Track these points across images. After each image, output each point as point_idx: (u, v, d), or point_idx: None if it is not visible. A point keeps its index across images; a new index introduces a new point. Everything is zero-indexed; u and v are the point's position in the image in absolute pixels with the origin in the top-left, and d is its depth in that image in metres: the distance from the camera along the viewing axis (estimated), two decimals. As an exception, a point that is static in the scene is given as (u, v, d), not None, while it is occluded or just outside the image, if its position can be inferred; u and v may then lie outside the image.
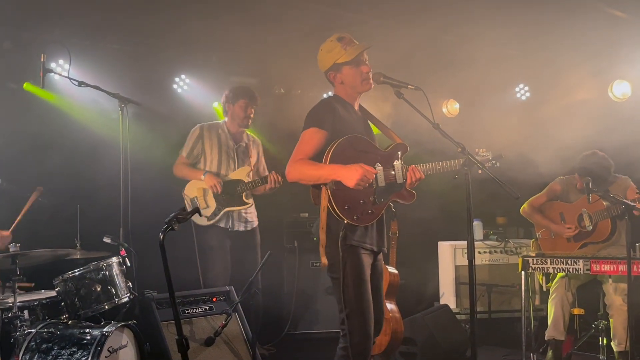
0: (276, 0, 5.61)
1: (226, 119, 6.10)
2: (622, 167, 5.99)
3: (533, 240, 6.35)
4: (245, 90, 6.04)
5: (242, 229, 6.00)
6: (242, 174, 5.96)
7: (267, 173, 6.17)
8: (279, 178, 5.76)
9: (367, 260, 3.89)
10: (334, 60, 3.99)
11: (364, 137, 3.97)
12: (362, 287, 3.82)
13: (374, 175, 3.84)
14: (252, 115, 6.05)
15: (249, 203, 5.99)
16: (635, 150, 5.96)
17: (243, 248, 6.00)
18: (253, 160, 6.11)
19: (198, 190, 5.91)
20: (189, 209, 5.84)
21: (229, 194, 5.88)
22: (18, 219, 5.32)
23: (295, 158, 3.85)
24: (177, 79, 7.16)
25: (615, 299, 5.58)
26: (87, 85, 5.17)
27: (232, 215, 5.94)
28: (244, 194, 5.92)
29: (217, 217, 5.86)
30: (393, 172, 3.96)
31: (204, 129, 6.04)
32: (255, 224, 6.12)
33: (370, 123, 4.20)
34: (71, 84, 5.15)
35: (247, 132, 6.21)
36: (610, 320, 5.62)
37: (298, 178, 3.89)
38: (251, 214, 6.09)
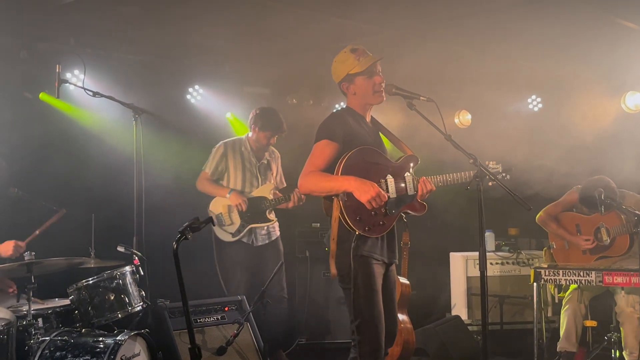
0: (289, 12, 5.64)
1: (250, 135, 6.14)
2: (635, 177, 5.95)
3: (545, 248, 6.28)
4: (274, 122, 6.02)
5: (267, 242, 6.09)
6: (265, 191, 6.03)
7: (284, 184, 6.31)
8: (303, 197, 5.83)
9: (378, 270, 3.90)
10: (347, 71, 4.00)
11: (375, 149, 3.98)
12: (373, 298, 3.82)
13: (386, 197, 3.84)
14: (273, 142, 6.10)
15: (273, 219, 6.07)
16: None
17: (265, 261, 6.04)
18: (274, 174, 6.17)
19: (223, 207, 6.00)
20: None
21: (253, 211, 5.96)
22: (35, 234, 5.29)
23: (307, 170, 3.88)
24: (190, 89, 7.20)
25: (626, 307, 5.53)
26: (102, 95, 5.20)
27: (255, 231, 6.03)
28: (267, 210, 5.99)
29: (242, 234, 5.96)
30: (404, 184, 3.97)
31: (227, 147, 6.11)
32: (276, 235, 6.20)
33: (381, 135, 4.21)
34: (86, 94, 5.19)
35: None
36: (621, 329, 5.58)
37: (310, 190, 3.93)
38: (273, 227, 6.16)
